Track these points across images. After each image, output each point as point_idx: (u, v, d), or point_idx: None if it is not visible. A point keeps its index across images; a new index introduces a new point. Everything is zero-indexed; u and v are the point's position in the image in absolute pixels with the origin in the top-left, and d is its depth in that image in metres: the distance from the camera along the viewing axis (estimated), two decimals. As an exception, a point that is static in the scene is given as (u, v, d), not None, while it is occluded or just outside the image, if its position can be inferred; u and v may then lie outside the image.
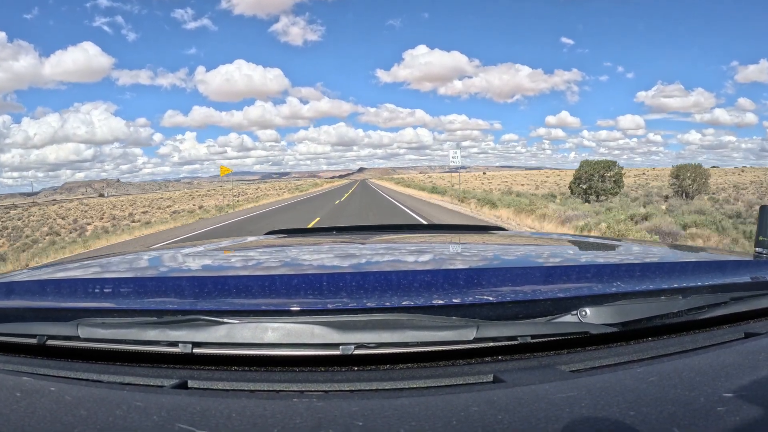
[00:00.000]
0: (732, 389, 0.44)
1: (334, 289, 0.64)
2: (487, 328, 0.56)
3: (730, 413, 0.40)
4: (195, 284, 0.70)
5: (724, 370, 0.49)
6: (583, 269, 0.76)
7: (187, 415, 0.41)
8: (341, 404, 0.43)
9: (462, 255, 1.01)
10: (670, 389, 0.44)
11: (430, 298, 0.59)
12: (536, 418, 0.40)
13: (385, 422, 0.39)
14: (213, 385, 0.53)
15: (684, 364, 0.52)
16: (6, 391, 0.48)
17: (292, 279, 0.71)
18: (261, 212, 21.52)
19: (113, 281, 0.79)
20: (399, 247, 1.13)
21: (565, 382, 0.47)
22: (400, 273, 0.74)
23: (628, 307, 0.62)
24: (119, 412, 0.42)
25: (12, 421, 0.41)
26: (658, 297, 0.65)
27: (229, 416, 0.41)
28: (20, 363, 0.61)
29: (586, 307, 0.60)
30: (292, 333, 0.56)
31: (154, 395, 0.47)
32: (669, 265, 0.83)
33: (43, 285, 0.80)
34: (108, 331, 0.60)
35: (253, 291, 0.65)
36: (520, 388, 0.46)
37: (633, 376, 0.48)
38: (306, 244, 1.27)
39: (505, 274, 0.68)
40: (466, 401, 0.43)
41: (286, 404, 0.43)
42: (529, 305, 0.60)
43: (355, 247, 1.13)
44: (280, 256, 1.07)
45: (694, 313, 0.65)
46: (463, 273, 0.73)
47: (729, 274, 0.79)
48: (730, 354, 0.55)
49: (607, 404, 0.42)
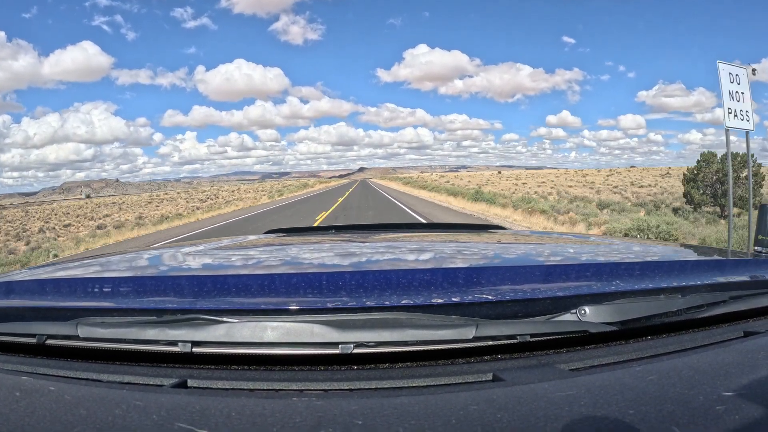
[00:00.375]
0: (731, 388, 0.44)
1: (334, 287, 0.64)
2: (487, 327, 0.56)
3: (729, 412, 0.40)
4: (194, 283, 0.70)
5: (723, 368, 0.49)
6: (583, 268, 0.76)
7: (187, 414, 0.41)
8: (341, 403, 0.43)
9: (461, 254, 1.01)
10: (669, 388, 0.45)
11: (429, 297, 0.59)
12: (535, 417, 0.40)
13: (384, 421, 0.40)
14: (212, 384, 0.53)
15: (683, 362, 0.52)
16: (5, 390, 0.48)
17: (291, 278, 0.71)
18: (192, 233, 14.37)
19: (113, 280, 0.79)
20: (398, 246, 1.13)
21: (564, 380, 0.47)
22: (400, 272, 0.74)
23: (627, 306, 0.62)
24: (119, 411, 0.42)
25: (11, 420, 0.41)
26: (658, 296, 0.65)
27: (229, 415, 0.41)
28: (20, 362, 0.61)
29: (586, 305, 0.60)
30: (291, 332, 0.56)
31: (154, 394, 0.47)
32: (668, 263, 0.83)
33: (43, 284, 0.80)
34: (107, 330, 0.60)
35: (253, 290, 0.65)
36: (519, 387, 0.46)
37: (632, 375, 0.48)
38: (305, 243, 1.27)
39: (504, 273, 0.68)
40: (466, 400, 0.43)
41: (286, 403, 0.43)
42: (528, 304, 0.60)
43: (354, 246, 1.13)
44: (280, 255, 1.07)
45: (693, 312, 0.65)
46: (463, 272, 0.73)
47: (728, 273, 0.79)
48: (729, 353, 0.55)
49: (606, 403, 0.42)
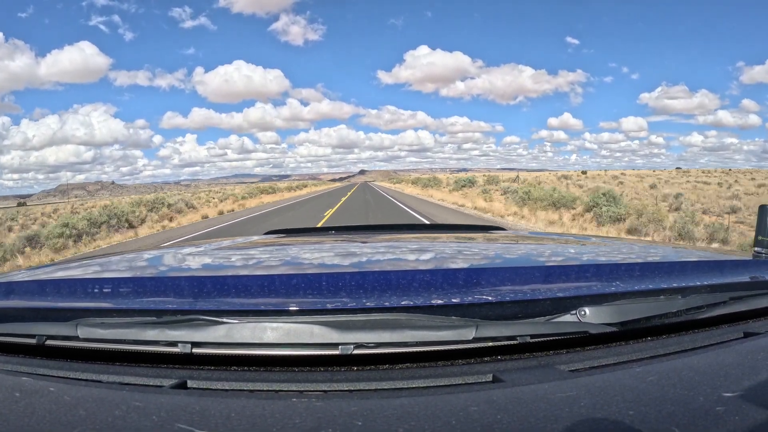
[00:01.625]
0: (731, 389, 0.44)
1: (334, 288, 0.64)
2: (487, 328, 0.56)
3: (729, 413, 0.40)
4: (194, 284, 0.70)
5: (723, 369, 0.49)
6: (583, 269, 0.76)
7: (187, 415, 0.41)
8: (340, 404, 0.43)
9: (461, 255, 1.01)
10: (669, 389, 0.45)
11: (429, 298, 0.59)
12: (535, 418, 0.40)
13: (384, 422, 0.39)
14: (212, 385, 0.53)
15: (683, 363, 0.52)
16: (5, 391, 0.48)
17: (291, 279, 0.71)
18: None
19: (112, 281, 0.79)
20: (398, 246, 1.13)
21: (564, 381, 0.47)
22: (400, 273, 0.74)
23: (627, 307, 0.62)
24: (118, 412, 0.42)
25: (11, 421, 0.41)
26: (658, 297, 0.65)
27: (229, 416, 0.41)
28: (19, 363, 0.61)
29: (586, 306, 0.60)
30: (291, 333, 0.56)
31: (154, 395, 0.47)
32: (668, 264, 0.83)
33: (43, 285, 0.80)
34: (107, 331, 0.60)
35: (253, 291, 0.65)
36: (519, 388, 0.46)
37: (632, 376, 0.48)
38: (305, 244, 1.27)
39: (504, 274, 0.68)
40: (466, 401, 0.43)
41: (286, 404, 0.43)
42: (528, 305, 0.60)
43: (354, 247, 1.13)
44: (280, 256, 1.07)
45: (693, 313, 0.65)
46: (463, 273, 0.73)
47: (728, 274, 0.79)
48: (729, 353, 0.55)
49: (606, 404, 0.42)
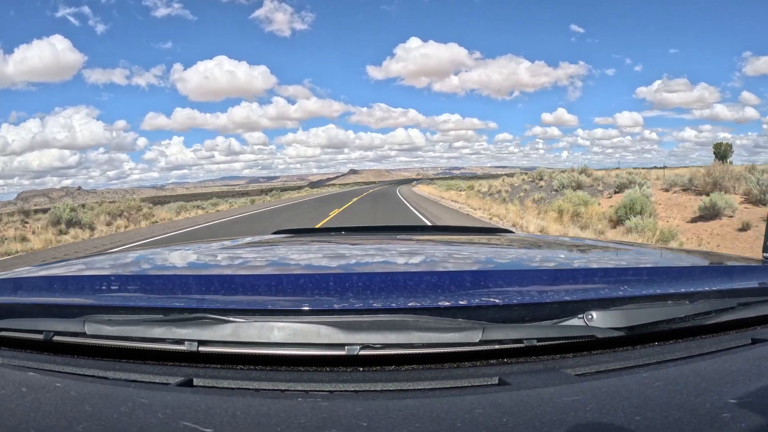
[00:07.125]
0: (738, 395, 0.44)
1: (341, 289, 0.64)
2: (493, 331, 0.56)
3: (735, 420, 0.39)
4: (202, 282, 0.70)
5: (730, 376, 0.49)
6: (590, 273, 0.76)
7: (192, 412, 0.41)
8: (346, 405, 0.43)
9: (469, 257, 1.01)
10: (675, 394, 0.44)
11: (436, 300, 0.59)
12: (541, 422, 0.39)
13: (389, 423, 0.39)
14: (218, 383, 0.53)
15: (690, 369, 0.52)
16: (12, 386, 0.48)
17: (298, 278, 0.71)
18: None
19: (120, 278, 0.79)
20: (406, 248, 1.13)
21: (570, 385, 0.47)
22: (407, 274, 0.74)
23: (634, 312, 0.61)
24: (124, 408, 0.42)
25: (17, 416, 0.42)
26: (665, 301, 0.64)
27: (234, 415, 0.41)
28: (26, 358, 0.61)
29: (593, 310, 0.60)
30: (297, 332, 0.56)
31: (159, 393, 0.47)
32: (676, 269, 0.82)
33: (51, 281, 0.81)
34: (114, 328, 0.60)
35: (260, 290, 0.65)
36: (525, 392, 0.46)
37: (639, 381, 0.48)
38: (313, 244, 1.27)
39: (511, 277, 0.68)
40: (471, 403, 0.43)
41: (291, 404, 0.43)
42: (535, 308, 0.60)
43: (362, 248, 1.13)
44: (287, 256, 1.07)
45: (700, 318, 0.65)
46: (470, 275, 0.73)
47: (737, 279, 0.78)
48: (736, 360, 0.54)
49: (612, 409, 0.41)
